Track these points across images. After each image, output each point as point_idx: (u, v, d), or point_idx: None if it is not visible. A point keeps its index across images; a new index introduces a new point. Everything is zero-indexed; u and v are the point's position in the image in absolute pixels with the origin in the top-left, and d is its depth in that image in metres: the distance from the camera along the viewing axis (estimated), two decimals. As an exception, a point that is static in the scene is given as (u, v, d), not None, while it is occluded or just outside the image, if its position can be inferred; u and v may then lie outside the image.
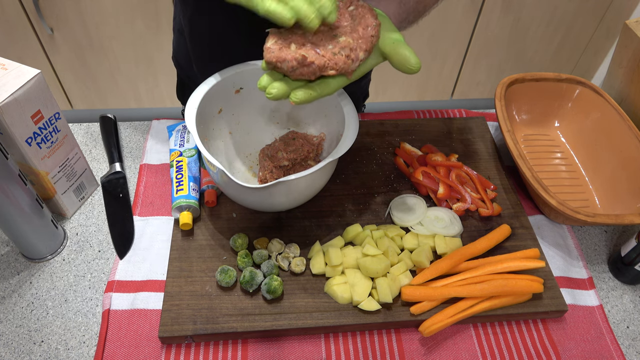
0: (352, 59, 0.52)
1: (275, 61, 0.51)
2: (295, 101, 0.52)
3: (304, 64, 0.50)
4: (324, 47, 0.51)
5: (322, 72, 0.52)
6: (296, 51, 0.51)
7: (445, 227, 0.70)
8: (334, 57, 0.51)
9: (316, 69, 0.51)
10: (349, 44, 0.52)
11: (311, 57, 0.50)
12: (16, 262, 0.69)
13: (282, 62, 0.51)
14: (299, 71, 0.51)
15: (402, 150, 0.81)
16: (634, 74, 0.84)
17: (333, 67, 0.51)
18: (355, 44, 0.52)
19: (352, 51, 0.52)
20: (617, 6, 1.79)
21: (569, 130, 0.86)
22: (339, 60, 0.51)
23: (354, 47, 0.52)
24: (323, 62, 0.51)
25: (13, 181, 0.59)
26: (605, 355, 0.62)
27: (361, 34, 0.53)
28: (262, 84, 0.52)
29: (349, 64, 0.52)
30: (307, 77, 0.52)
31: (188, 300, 0.63)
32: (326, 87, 0.53)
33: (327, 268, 0.65)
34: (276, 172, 0.70)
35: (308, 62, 0.50)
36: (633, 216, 0.66)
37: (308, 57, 0.50)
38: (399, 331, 0.63)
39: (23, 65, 0.61)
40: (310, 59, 0.50)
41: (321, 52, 0.51)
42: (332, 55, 0.51)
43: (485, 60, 1.94)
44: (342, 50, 0.52)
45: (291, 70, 0.51)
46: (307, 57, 0.50)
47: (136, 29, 1.69)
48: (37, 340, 0.62)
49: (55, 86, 1.83)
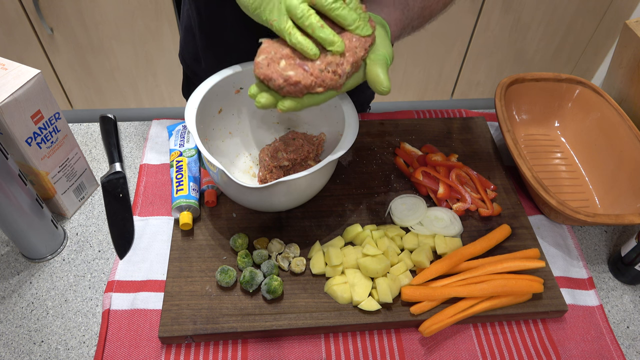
0: (339, 74, 0.52)
1: (263, 78, 0.52)
2: (283, 109, 0.53)
3: (291, 83, 0.51)
4: (313, 63, 0.51)
5: (309, 91, 0.52)
6: (283, 70, 0.51)
7: (445, 227, 0.70)
8: (321, 74, 0.51)
9: (303, 88, 0.51)
10: (335, 59, 0.52)
11: (298, 76, 0.51)
12: (16, 262, 0.69)
13: (269, 80, 0.51)
14: (286, 89, 0.51)
15: (402, 150, 0.81)
16: (634, 74, 0.84)
17: (320, 84, 0.52)
18: (342, 58, 0.52)
19: (339, 66, 0.52)
20: (617, 6, 1.79)
21: (569, 130, 0.86)
22: (325, 78, 0.51)
23: (340, 62, 0.52)
24: (310, 82, 0.51)
25: (13, 181, 0.59)
26: (605, 355, 0.62)
27: (347, 46, 0.52)
28: (252, 92, 0.54)
29: (335, 80, 0.52)
30: (295, 94, 0.52)
31: (188, 300, 0.63)
32: (314, 99, 0.54)
33: (327, 268, 0.65)
34: (276, 172, 0.70)
35: (294, 82, 0.51)
36: (633, 216, 0.66)
37: (294, 77, 0.50)
38: (399, 331, 0.63)
39: (23, 65, 0.61)
40: (296, 79, 0.51)
41: (309, 69, 0.51)
42: (319, 73, 0.51)
43: (485, 60, 1.94)
44: (328, 66, 0.51)
45: (278, 88, 0.52)
46: (293, 77, 0.51)
47: (136, 29, 1.69)
48: (37, 340, 0.62)
49: (55, 86, 1.83)
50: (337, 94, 0.55)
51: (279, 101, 0.53)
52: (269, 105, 0.53)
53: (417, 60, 1.90)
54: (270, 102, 0.53)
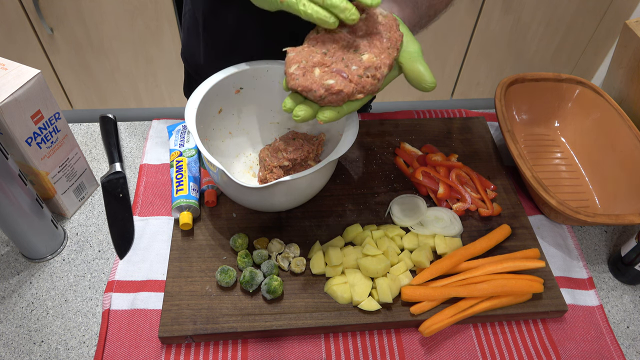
0: (378, 78, 0.51)
1: (301, 90, 0.50)
2: (324, 121, 0.51)
3: (333, 92, 0.49)
4: (349, 69, 0.50)
5: (350, 98, 0.51)
6: (322, 80, 0.49)
7: (445, 227, 0.70)
8: (361, 80, 0.50)
9: (345, 97, 0.50)
10: (373, 62, 0.50)
11: (339, 85, 0.49)
12: (16, 262, 0.69)
13: (309, 92, 0.50)
14: (327, 99, 0.50)
15: (402, 150, 0.81)
16: (634, 74, 0.84)
17: (361, 91, 0.50)
18: (379, 60, 0.51)
19: (377, 70, 0.51)
20: (617, 6, 1.79)
21: (569, 130, 0.86)
22: (366, 84, 0.50)
23: (378, 66, 0.51)
24: (351, 89, 0.50)
25: (13, 181, 0.59)
26: (605, 355, 0.62)
27: (380, 48, 0.51)
28: (288, 106, 0.51)
29: (375, 85, 0.51)
30: (336, 103, 0.51)
31: (188, 300, 0.63)
32: (353, 105, 0.52)
33: (327, 268, 0.65)
34: (276, 172, 0.70)
35: (336, 91, 0.49)
36: (633, 216, 0.66)
37: (336, 86, 0.49)
38: (399, 331, 0.63)
39: (23, 65, 0.61)
40: (339, 88, 0.49)
41: (347, 76, 0.50)
42: (358, 79, 0.50)
43: (485, 60, 1.94)
44: (366, 71, 0.50)
45: (319, 99, 0.50)
46: (335, 86, 0.49)
47: (136, 29, 1.69)
48: (37, 340, 0.62)
49: (55, 86, 1.83)
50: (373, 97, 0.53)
51: (318, 112, 0.51)
52: (308, 118, 0.51)
53: (417, 60, 1.89)
54: (310, 115, 0.51)
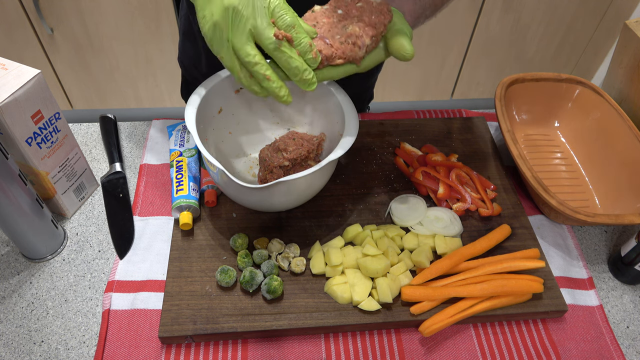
0: (359, 45, 0.55)
1: None
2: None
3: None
4: (332, 38, 0.54)
5: (330, 62, 0.55)
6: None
7: (445, 227, 0.70)
8: (341, 46, 0.54)
9: (323, 59, 0.54)
10: (355, 32, 0.54)
11: (319, 46, 0.54)
12: (16, 262, 0.69)
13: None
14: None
15: (402, 150, 0.81)
16: (634, 74, 0.84)
17: (340, 56, 0.55)
18: (362, 31, 0.55)
19: (358, 38, 0.54)
20: (617, 6, 1.79)
21: (569, 130, 0.86)
22: (345, 49, 0.54)
23: (360, 35, 0.54)
24: (330, 52, 0.54)
25: (13, 181, 0.59)
26: (605, 355, 0.62)
27: (367, 22, 0.55)
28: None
29: (355, 52, 0.55)
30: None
31: (188, 300, 0.63)
32: (333, 71, 0.56)
33: (327, 268, 0.65)
34: (276, 172, 0.70)
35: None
36: (633, 216, 0.66)
37: (317, 47, 0.53)
38: (399, 331, 0.63)
39: (23, 65, 0.61)
40: (318, 48, 0.53)
41: (329, 41, 0.54)
42: (339, 45, 0.54)
43: (485, 60, 1.94)
44: (348, 38, 0.54)
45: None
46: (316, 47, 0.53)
47: (136, 29, 1.69)
48: (37, 340, 0.62)
49: (55, 86, 1.83)
50: (357, 69, 0.57)
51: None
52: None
53: (417, 60, 1.90)
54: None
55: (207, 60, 0.83)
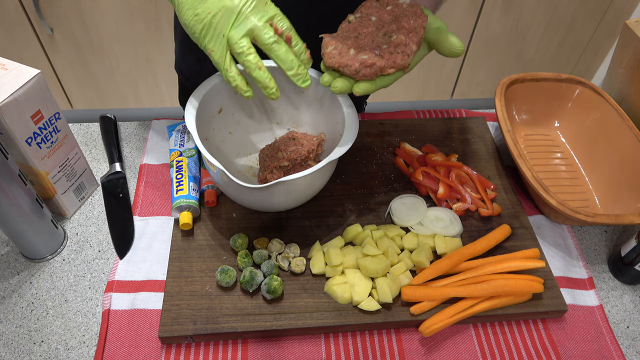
0: (408, 53, 0.56)
1: (338, 66, 0.56)
2: (359, 92, 0.56)
3: (367, 65, 0.55)
4: (380, 48, 0.56)
5: (382, 72, 0.56)
6: (356, 56, 0.55)
7: (445, 227, 0.70)
8: (392, 56, 0.55)
9: (377, 70, 0.55)
10: (402, 40, 0.55)
11: (373, 59, 0.55)
12: (16, 262, 0.69)
13: (345, 67, 0.55)
14: (361, 73, 0.55)
15: (402, 150, 0.81)
16: (634, 74, 0.84)
17: (392, 65, 0.56)
18: (407, 39, 0.56)
19: (406, 47, 0.56)
20: (617, 6, 1.79)
21: (569, 130, 0.86)
22: (397, 59, 0.56)
23: (407, 42, 0.56)
24: (383, 64, 0.55)
25: (13, 181, 0.59)
26: (605, 355, 0.62)
27: (409, 28, 0.56)
28: (325, 80, 0.57)
29: (405, 60, 0.56)
30: (369, 77, 0.56)
31: (188, 300, 0.63)
32: (385, 80, 0.57)
33: (327, 268, 0.65)
34: (276, 172, 0.70)
35: (370, 64, 0.55)
36: (633, 216, 0.66)
37: (369, 60, 0.55)
38: (399, 331, 0.63)
39: (23, 65, 0.61)
40: (372, 61, 0.55)
41: (379, 52, 0.55)
42: (389, 55, 0.55)
43: (485, 60, 1.94)
44: (396, 48, 0.56)
45: (354, 73, 0.55)
46: (369, 60, 0.55)
47: (136, 29, 1.69)
48: (37, 340, 0.62)
49: (55, 86, 1.83)
50: (404, 74, 0.58)
51: (354, 85, 0.56)
52: (345, 89, 0.57)
53: (417, 60, 1.89)
54: (347, 87, 0.57)
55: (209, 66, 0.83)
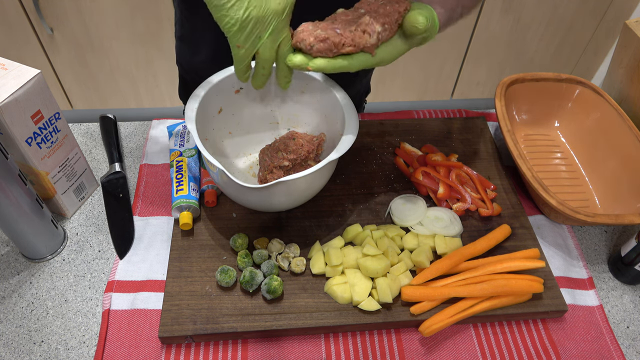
0: (369, 32, 0.54)
1: (295, 41, 0.55)
2: (313, 67, 0.55)
3: (320, 39, 0.54)
4: (343, 25, 0.55)
5: (339, 49, 0.54)
6: (313, 32, 0.54)
7: (445, 227, 0.70)
8: (350, 34, 0.54)
9: (332, 45, 0.54)
10: (365, 20, 0.55)
11: (327, 33, 0.54)
12: (16, 262, 0.69)
13: (301, 41, 0.55)
14: (316, 48, 0.54)
15: (402, 150, 0.81)
16: (634, 74, 0.84)
17: (350, 43, 0.54)
18: (372, 20, 0.55)
19: (368, 25, 0.54)
20: (617, 6, 1.79)
21: (569, 130, 0.86)
22: (355, 36, 0.54)
23: (369, 22, 0.54)
24: (339, 40, 0.54)
25: (13, 181, 0.59)
26: (605, 355, 0.62)
27: (383, 13, 0.55)
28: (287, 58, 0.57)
29: (365, 39, 0.54)
30: (325, 53, 0.55)
31: (188, 300, 0.63)
32: (346, 61, 0.56)
33: (327, 268, 0.65)
34: (276, 172, 0.70)
35: (323, 38, 0.54)
36: (633, 216, 0.66)
37: (323, 34, 0.54)
38: (399, 331, 0.63)
39: (23, 65, 0.61)
40: (325, 35, 0.54)
41: (340, 30, 0.54)
42: (348, 33, 0.54)
43: (485, 60, 1.94)
44: (358, 27, 0.54)
45: (309, 47, 0.54)
46: (322, 34, 0.54)
47: (136, 29, 1.69)
48: (37, 340, 0.62)
49: (55, 86, 1.83)
50: (374, 60, 0.56)
51: (310, 60, 0.55)
52: (300, 63, 0.56)
53: (417, 60, 1.90)
54: (303, 61, 0.55)
55: (208, 62, 0.83)
